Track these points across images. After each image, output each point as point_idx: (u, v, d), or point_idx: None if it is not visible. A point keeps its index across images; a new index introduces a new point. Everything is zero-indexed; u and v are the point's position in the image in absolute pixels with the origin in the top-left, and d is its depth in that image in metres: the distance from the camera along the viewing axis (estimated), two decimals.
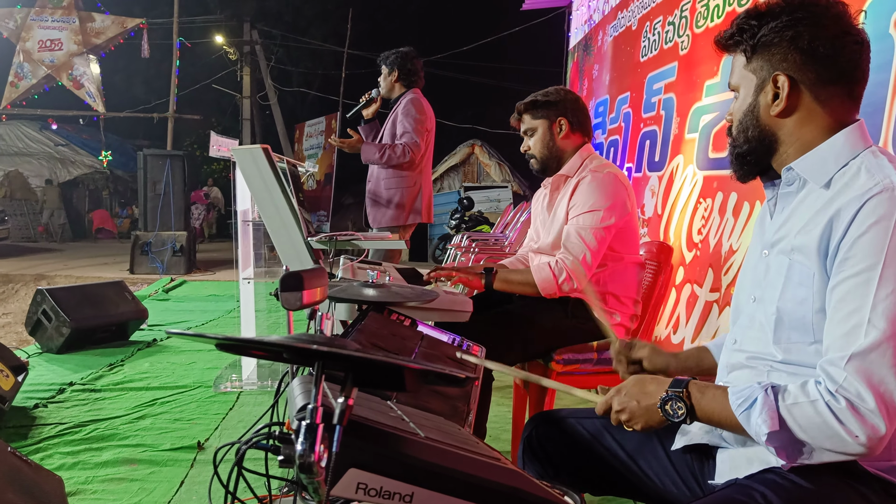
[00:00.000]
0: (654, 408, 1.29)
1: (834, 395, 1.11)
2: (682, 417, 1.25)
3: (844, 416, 1.09)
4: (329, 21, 25.35)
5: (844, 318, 1.14)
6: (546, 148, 2.67)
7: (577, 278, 2.49)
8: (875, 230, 1.13)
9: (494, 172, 15.57)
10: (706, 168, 3.89)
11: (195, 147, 21.46)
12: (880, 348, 1.10)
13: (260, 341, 0.78)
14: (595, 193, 2.52)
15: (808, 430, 1.12)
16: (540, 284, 2.53)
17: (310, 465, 0.77)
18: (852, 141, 1.26)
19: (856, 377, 1.10)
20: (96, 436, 3.28)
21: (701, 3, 4.10)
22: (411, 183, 4.46)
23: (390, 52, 4.52)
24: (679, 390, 1.26)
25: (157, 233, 10.23)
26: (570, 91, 2.73)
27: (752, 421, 1.16)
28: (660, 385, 1.31)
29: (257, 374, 4.26)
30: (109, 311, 5.26)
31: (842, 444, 1.10)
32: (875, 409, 1.08)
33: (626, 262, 2.63)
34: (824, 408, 1.11)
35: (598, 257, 2.52)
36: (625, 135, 5.44)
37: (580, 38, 7.60)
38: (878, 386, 1.09)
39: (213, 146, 3.99)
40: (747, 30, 1.31)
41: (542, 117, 2.66)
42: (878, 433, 1.08)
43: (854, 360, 1.11)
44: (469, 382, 0.87)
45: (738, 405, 1.18)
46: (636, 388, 1.34)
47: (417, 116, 4.34)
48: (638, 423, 1.32)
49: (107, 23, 15.42)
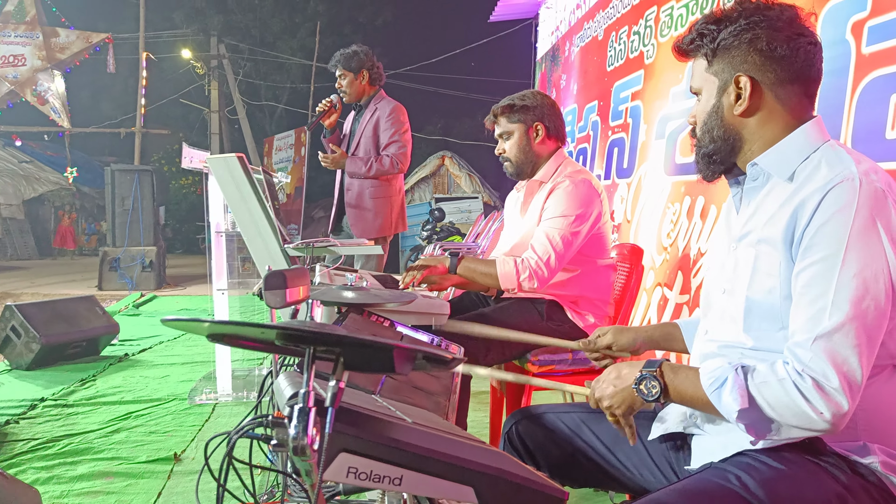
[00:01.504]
0: (629, 389, 1.34)
1: (800, 374, 1.16)
2: (656, 396, 1.30)
3: (810, 394, 1.14)
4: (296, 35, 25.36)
5: (810, 303, 1.19)
6: (522, 152, 2.70)
7: (538, 278, 2.53)
8: (837, 218, 1.19)
9: (465, 183, 15.66)
10: (673, 173, 3.97)
11: (163, 162, 21.28)
12: (843, 329, 1.15)
13: (253, 324, 0.80)
14: (568, 199, 2.56)
15: (776, 408, 1.17)
16: (501, 277, 2.54)
17: (303, 447, 0.80)
18: (812, 135, 1.32)
19: (821, 357, 1.15)
20: (70, 450, 3.25)
21: (665, 13, 4.20)
22: (396, 192, 4.43)
23: (348, 55, 4.34)
24: (653, 370, 1.31)
25: (126, 248, 10.12)
26: (546, 96, 2.76)
27: (722, 399, 1.21)
28: (634, 367, 1.36)
29: (232, 386, 4.24)
30: (80, 326, 5.19)
31: (808, 422, 1.15)
32: (839, 388, 1.14)
33: (598, 266, 2.68)
34: (791, 386, 1.16)
35: (562, 261, 2.55)
36: (593, 143, 5.53)
37: (547, 48, 7.70)
38: (842, 365, 1.14)
39: (186, 157, 3.98)
40: (707, 34, 1.37)
41: (518, 121, 2.68)
42: (842, 410, 1.14)
43: (819, 341, 1.16)
44: (455, 363, 0.90)
45: (710, 384, 1.23)
46: (612, 374, 1.40)
47: (404, 124, 4.31)
48: (619, 407, 1.37)
49: (71, 38, 15.28)
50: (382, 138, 4.29)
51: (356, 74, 4.33)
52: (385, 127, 4.29)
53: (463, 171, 15.68)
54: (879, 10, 2.34)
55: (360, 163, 4.25)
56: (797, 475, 1.22)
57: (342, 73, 4.33)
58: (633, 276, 2.89)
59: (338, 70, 4.35)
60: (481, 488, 0.92)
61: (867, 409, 1.26)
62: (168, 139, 20.28)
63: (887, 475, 1.25)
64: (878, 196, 1.19)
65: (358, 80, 4.34)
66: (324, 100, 4.29)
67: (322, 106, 4.27)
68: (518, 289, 2.55)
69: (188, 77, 20.87)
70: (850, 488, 1.22)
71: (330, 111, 4.29)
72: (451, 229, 12.69)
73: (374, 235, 4.38)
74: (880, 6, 2.34)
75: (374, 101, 4.38)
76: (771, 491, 1.20)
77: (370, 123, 4.35)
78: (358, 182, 4.37)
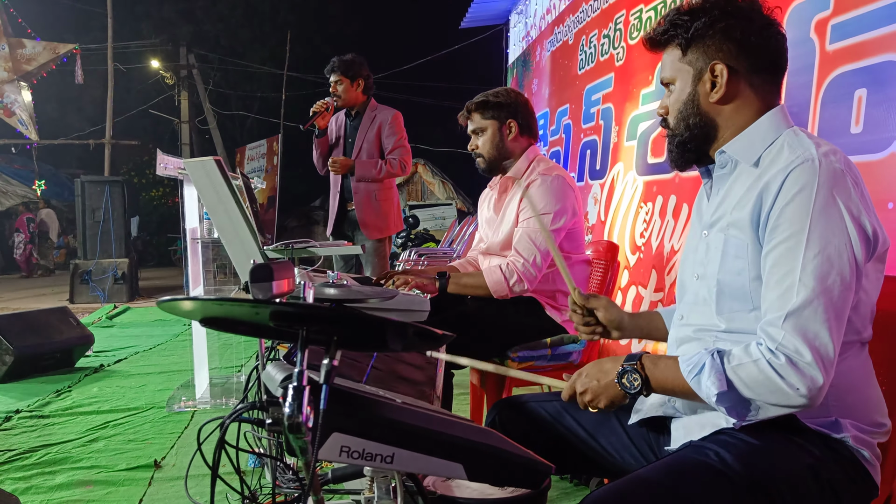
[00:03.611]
0: (612, 383, 1.36)
1: (774, 352, 1.20)
2: (638, 388, 1.33)
3: (785, 371, 1.18)
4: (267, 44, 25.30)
5: (778, 282, 1.24)
6: (495, 149, 2.74)
7: (527, 280, 2.58)
8: (799, 198, 1.24)
9: (438, 190, 15.72)
10: (645, 173, 4.04)
11: (133, 174, 21.04)
12: (812, 305, 1.20)
13: (248, 301, 0.82)
14: (545, 197, 2.61)
15: (753, 388, 1.21)
16: (492, 287, 2.60)
17: (298, 424, 0.82)
18: (776, 122, 1.38)
19: (793, 334, 1.19)
20: (48, 460, 3.21)
21: (634, 16, 4.28)
22: (395, 192, 4.61)
23: (347, 62, 4.39)
24: (633, 363, 1.34)
25: (98, 261, 9.99)
26: (520, 93, 2.80)
27: (702, 385, 1.24)
28: (615, 362, 1.38)
29: (210, 393, 4.22)
30: (53, 337, 5.13)
31: (785, 398, 1.19)
32: (812, 362, 1.18)
33: (573, 261, 2.72)
34: (766, 365, 1.20)
35: (547, 259, 2.60)
36: (566, 146, 5.59)
37: (518, 53, 7.78)
38: (813, 340, 1.19)
39: (161, 164, 3.95)
40: (680, 24, 1.41)
41: (492, 118, 2.72)
42: (817, 384, 1.18)
43: (790, 319, 1.20)
44: (446, 339, 0.93)
45: (689, 371, 1.27)
46: (594, 368, 1.41)
47: (404, 130, 4.44)
48: (601, 400, 1.38)
49: (38, 49, 15.04)
50: (386, 143, 4.39)
51: (353, 81, 4.39)
52: (389, 132, 4.39)
53: (436, 177, 15.75)
54: (841, 8, 2.42)
55: (370, 166, 4.34)
56: (772, 449, 1.27)
57: (339, 78, 4.38)
58: (609, 272, 2.94)
59: (334, 76, 4.39)
60: (471, 464, 0.94)
61: (838, 386, 1.30)
62: (138, 150, 20.06)
63: (858, 449, 1.30)
64: (838, 175, 1.24)
65: (353, 87, 4.40)
66: (319, 101, 4.33)
67: (318, 106, 4.31)
68: (509, 294, 2.60)
69: (157, 87, 20.69)
70: (822, 461, 1.27)
71: (324, 112, 4.34)
72: (426, 236, 12.72)
73: (384, 235, 4.51)
74: (842, 5, 2.41)
75: (369, 109, 4.47)
76: (747, 464, 1.24)
77: (371, 130, 4.43)
78: (364, 185, 4.45)
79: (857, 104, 2.32)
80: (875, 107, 2.23)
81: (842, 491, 1.28)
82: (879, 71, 2.22)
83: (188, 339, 4.34)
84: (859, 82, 2.31)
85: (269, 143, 18.34)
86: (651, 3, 4.01)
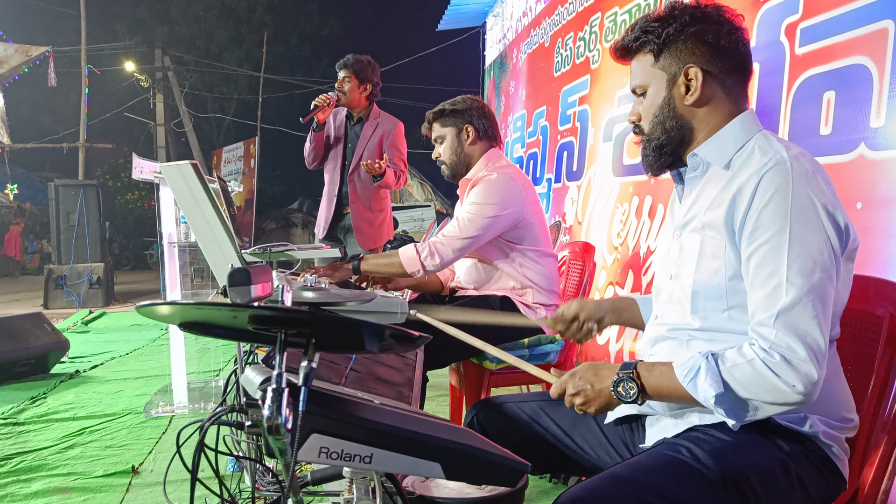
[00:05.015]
0: (607, 391, 1.35)
1: (768, 351, 1.22)
2: (634, 397, 1.33)
3: (780, 369, 1.21)
4: (243, 45, 25.18)
5: (764, 282, 1.27)
6: (454, 154, 2.81)
7: (439, 254, 2.60)
8: (775, 199, 1.27)
9: (417, 192, 15.72)
10: (621, 174, 4.08)
11: (108, 177, 20.85)
12: (801, 302, 1.23)
13: (226, 304, 0.83)
14: (486, 189, 2.65)
15: (749, 388, 1.23)
16: (405, 264, 2.63)
17: (277, 426, 0.83)
18: (746, 125, 1.41)
19: (784, 332, 1.22)
20: (24, 467, 3.18)
21: (609, 19, 4.32)
22: (389, 201, 4.57)
23: (362, 63, 4.28)
24: (629, 371, 1.34)
25: (72, 265, 9.88)
26: (476, 99, 2.85)
27: (699, 388, 1.26)
28: (611, 370, 1.37)
29: (188, 398, 4.20)
30: (28, 343, 5.07)
31: (782, 395, 1.21)
32: (806, 358, 1.20)
33: (536, 254, 2.73)
34: (761, 365, 1.22)
35: (469, 242, 2.61)
36: (543, 147, 5.63)
37: (495, 56, 7.82)
38: (805, 337, 1.21)
39: (136, 168, 3.93)
40: (651, 31, 1.44)
41: (450, 125, 2.80)
42: (812, 379, 1.20)
43: (781, 317, 1.23)
44: (422, 341, 0.94)
45: (685, 376, 1.28)
46: (590, 372, 1.39)
47: (405, 146, 4.40)
48: (592, 405, 1.38)
49: (10, 51, 14.84)
50: (389, 153, 4.29)
51: (361, 83, 4.28)
52: (391, 144, 4.32)
53: (415, 179, 15.75)
54: (810, 12, 2.47)
55: (392, 175, 4.23)
56: (744, 445, 1.30)
57: (348, 76, 4.26)
58: (585, 272, 2.97)
59: (345, 71, 4.28)
60: (448, 463, 0.96)
61: None
62: (112, 153, 19.88)
63: (827, 444, 1.34)
64: (809, 175, 1.28)
65: (360, 90, 4.29)
66: (322, 94, 4.20)
67: (320, 100, 4.18)
68: (422, 269, 2.62)
69: (132, 90, 20.50)
70: (792, 456, 1.30)
71: (325, 107, 4.21)
72: (405, 238, 12.72)
73: (377, 245, 4.47)
74: (812, 9, 2.46)
75: (372, 116, 4.38)
76: (719, 460, 1.27)
77: (374, 138, 4.35)
78: (363, 193, 4.38)
79: (825, 106, 2.36)
80: (843, 108, 2.28)
81: (811, 485, 1.31)
82: (848, 73, 2.26)
83: (165, 343, 4.32)
84: (828, 85, 2.35)
85: (247, 146, 18.24)
86: (626, 5, 4.06)
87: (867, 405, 1.45)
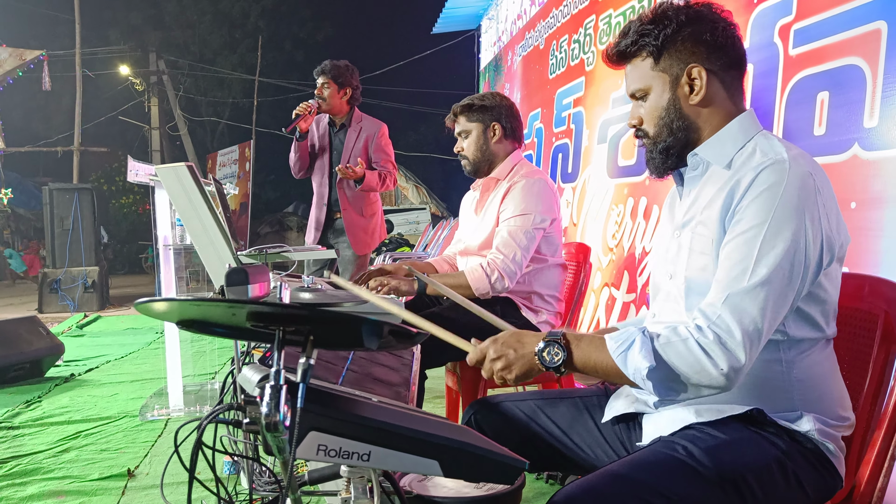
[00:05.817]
0: (530, 355, 1.34)
1: (702, 329, 1.24)
2: (558, 363, 1.32)
3: (711, 348, 1.22)
4: (237, 50, 25.16)
5: (730, 267, 1.28)
6: (479, 151, 2.79)
7: (507, 276, 2.61)
8: (766, 195, 1.27)
9: (412, 195, 15.72)
10: (616, 176, 4.09)
11: (102, 181, 20.79)
12: (755, 291, 1.24)
13: (225, 300, 0.83)
14: (527, 198, 2.65)
15: (679, 367, 1.24)
16: (473, 284, 2.62)
17: (275, 423, 0.83)
18: (746, 126, 1.42)
19: (729, 314, 1.23)
20: (19, 471, 3.17)
21: (603, 21, 4.33)
22: (380, 204, 4.59)
23: (340, 68, 4.31)
24: (556, 337, 1.34)
25: (67, 269, 9.85)
26: (505, 97, 2.85)
27: (629, 360, 1.27)
28: (536, 336, 1.37)
29: (184, 401, 4.19)
30: (22, 347, 5.05)
31: (707, 377, 1.23)
32: (740, 342, 1.21)
33: (549, 264, 2.76)
34: (694, 344, 1.23)
35: (527, 257, 2.64)
36: (538, 150, 5.64)
37: (490, 58, 7.83)
38: (748, 324, 1.23)
39: (132, 171, 3.92)
40: (648, 34, 1.43)
41: (476, 121, 2.78)
42: (738, 364, 1.21)
43: (730, 299, 1.24)
44: (421, 338, 0.94)
45: (616, 347, 1.29)
46: (513, 338, 1.39)
47: (391, 147, 4.43)
48: (513, 371, 1.36)
49: (3, 55, 14.81)
50: (375, 157, 4.32)
51: (340, 88, 4.30)
52: (378, 146, 4.34)
53: (410, 182, 15.75)
54: (804, 14, 2.48)
55: (374, 176, 4.24)
56: (740, 443, 1.30)
57: (327, 82, 4.28)
58: (580, 273, 2.97)
59: (323, 78, 4.29)
60: (446, 461, 0.96)
61: (803, 381, 1.35)
62: (107, 157, 19.81)
63: (823, 442, 1.34)
64: (805, 177, 1.28)
65: (339, 94, 4.31)
66: (302, 103, 4.21)
67: (301, 109, 4.18)
68: (491, 292, 2.62)
69: (126, 94, 20.49)
70: (788, 453, 1.31)
71: (307, 115, 4.22)
72: (400, 240, 12.74)
73: (370, 249, 4.48)
74: (804, 10, 2.47)
75: (354, 121, 4.39)
76: (715, 457, 1.27)
77: (359, 142, 4.36)
78: (353, 198, 4.38)
79: (819, 107, 2.37)
80: (837, 109, 2.29)
81: (807, 482, 1.32)
82: (841, 74, 2.28)
83: (160, 346, 4.30)
84: (822, 85, 2.37)
85: (241, 149, 18.24)
86: (620, 7, 4.07)
87: (863, 403, 1.46)
